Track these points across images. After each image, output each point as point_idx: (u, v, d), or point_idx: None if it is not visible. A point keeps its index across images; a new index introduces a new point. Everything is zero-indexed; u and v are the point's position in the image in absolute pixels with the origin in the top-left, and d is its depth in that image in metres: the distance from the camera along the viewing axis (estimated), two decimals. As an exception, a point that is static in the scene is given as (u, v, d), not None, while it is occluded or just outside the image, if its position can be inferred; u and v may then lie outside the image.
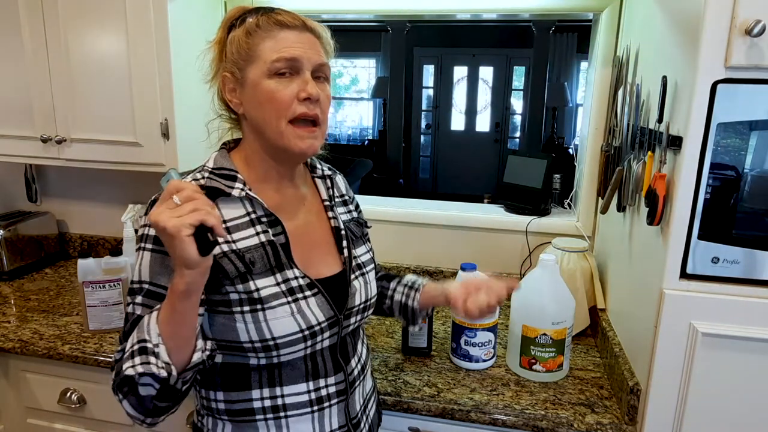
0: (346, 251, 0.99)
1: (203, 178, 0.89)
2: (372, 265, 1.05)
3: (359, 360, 1.01)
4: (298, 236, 0.93)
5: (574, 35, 7.05)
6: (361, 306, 0.99)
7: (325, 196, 1.02)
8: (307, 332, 0.88)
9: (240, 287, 0.85)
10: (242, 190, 0.89)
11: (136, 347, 0.78)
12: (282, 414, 0.90)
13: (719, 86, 0.91)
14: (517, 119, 7.65)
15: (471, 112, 7.74)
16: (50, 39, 1.60)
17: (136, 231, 1.65)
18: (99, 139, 1.64)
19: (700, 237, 0.97)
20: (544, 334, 1.26)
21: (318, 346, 0.91)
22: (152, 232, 0.84)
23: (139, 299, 0.84)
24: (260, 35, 0.87)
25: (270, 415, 0.90)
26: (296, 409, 0.91)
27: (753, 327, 0.98)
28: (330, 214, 1.01)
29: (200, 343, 0.82)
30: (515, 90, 7.55)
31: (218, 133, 1.01)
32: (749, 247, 0.96)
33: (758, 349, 0.98)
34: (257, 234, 0.89)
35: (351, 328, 0.98)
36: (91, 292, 1.47)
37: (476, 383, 1.29)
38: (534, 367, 1.29)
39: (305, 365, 0.91)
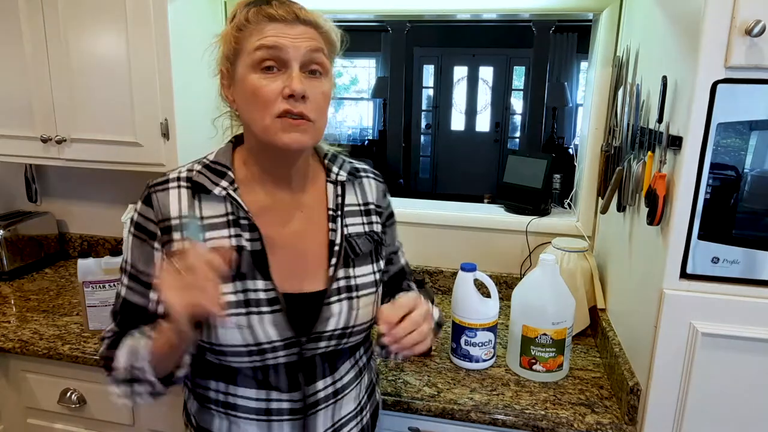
0: (332, 269, 0.89)
1: (194, 171, 0.89)
2: (372, 289, 0.93)
3: (336, 382, 0.92)
4: (282, 245, 0.88)
5: (574, 35, 7.06)
6: (337, 332, 0.88)
7: (331, 204, 0.93)
8: (254, 348, 0.84)
9: None
10: (225, 189, 0.87)
11: (129, 376, 0.84)
12: (232, 412, 0.90)
13: (719, 86, 0.91)
14: (517, 119, 7.65)
15: (471, 112, 7.74)
16: (50, 39, 1.60)
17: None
18: (99, 139, 1.64)
19: (700, 237, 0.97)
20: (544, 334, 1.26)
21: (270, 362, 0.87)
22: (136, 217, 0.88)
23: (125, 280, 0.90)
24: (249, 29, 0.82)
25: (221, 410, 0.91)
26: (246, 413, 0.89)
27: (753, 327, 0.98)
28: (331, 225, 0.92)
29: (187, 358, 0.85)
30: (515, 90, 7.55)
31: (223, 129, 0.99)
32: (749, 247, 0.96)
33: (758, 349, 0.98)
34: (229, 237, 0.86)
35: (322, 351, 0.89)
36: (91, 292, 1.47)
37: (476, 383, 1.29)
38: (534, 367, 1.29)
39: (255, 375, 0.88)
